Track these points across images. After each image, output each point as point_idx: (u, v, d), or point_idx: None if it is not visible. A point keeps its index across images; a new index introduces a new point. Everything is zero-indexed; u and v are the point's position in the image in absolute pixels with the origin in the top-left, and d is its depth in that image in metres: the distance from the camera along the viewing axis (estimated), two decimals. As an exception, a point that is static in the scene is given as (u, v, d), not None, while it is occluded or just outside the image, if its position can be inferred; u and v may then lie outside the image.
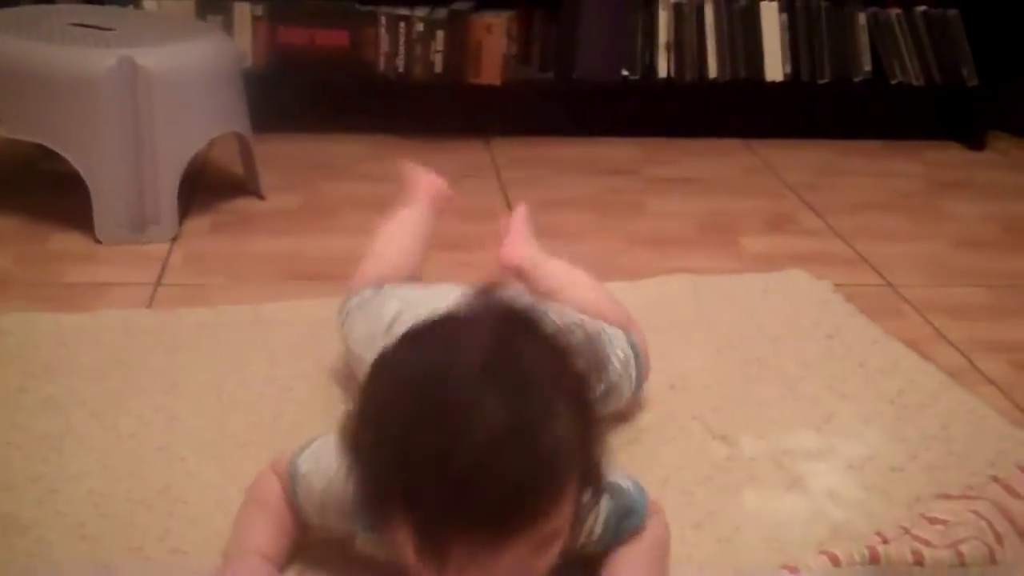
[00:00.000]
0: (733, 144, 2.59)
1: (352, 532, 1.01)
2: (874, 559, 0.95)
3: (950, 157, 2.61)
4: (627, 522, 1.02)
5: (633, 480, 1.06)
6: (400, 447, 0.84)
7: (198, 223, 1.98)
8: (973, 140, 2.65)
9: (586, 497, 0.94)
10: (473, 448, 0.81)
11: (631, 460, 1.26)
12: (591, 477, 0.92)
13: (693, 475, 1.25)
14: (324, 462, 1.01)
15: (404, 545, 0.87)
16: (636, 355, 1.33)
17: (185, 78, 1.89)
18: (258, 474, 1.10)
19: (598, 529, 1.01)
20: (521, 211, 1.54)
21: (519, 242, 1.48)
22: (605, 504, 1.00)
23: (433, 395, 0.84)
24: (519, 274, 1.42)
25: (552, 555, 0.90)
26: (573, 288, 1.40)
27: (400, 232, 1.53)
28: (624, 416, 1.35)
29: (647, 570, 1.02)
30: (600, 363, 0.96)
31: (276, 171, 2.18)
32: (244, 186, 2.14)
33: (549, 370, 0.88)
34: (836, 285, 1.77)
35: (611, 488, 1.01)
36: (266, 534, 1.05)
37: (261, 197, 2.12)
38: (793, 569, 0.94)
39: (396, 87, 2.46)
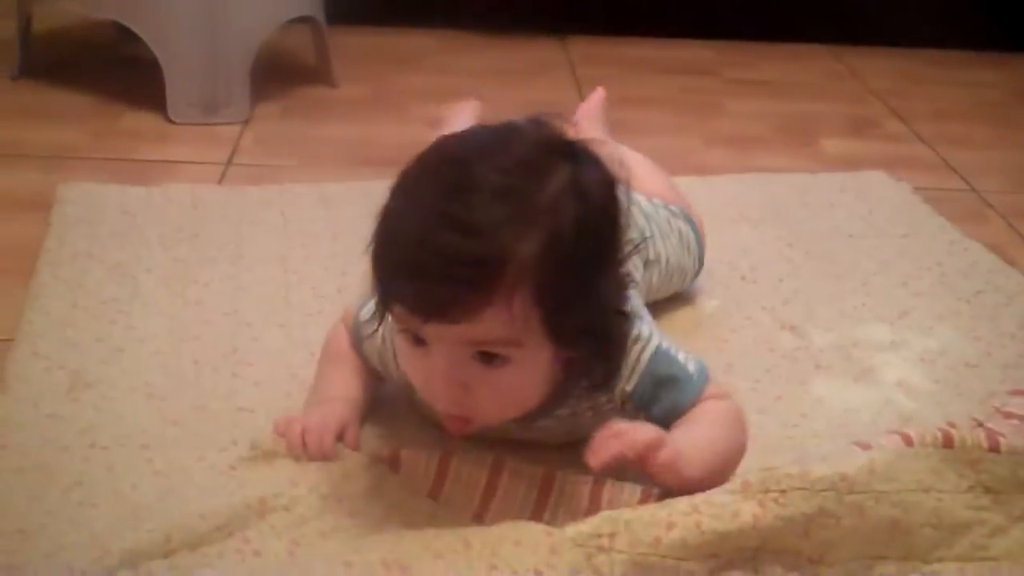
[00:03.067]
0: (815, 49, 2.52)
1: (411, 387, 1.01)
2: (948, 442, 0.92)
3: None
4: (669, 393, 0.97)
5: (698, 361, 1.01)
6: (389, 210, 0.87)
7: (270, 108, 1.98)
8: (1066, 51, 2.55)
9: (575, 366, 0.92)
10: (419, 220, 0.84)
11: (693, 344, 1.23)
12: (559, 329, 0.88)
13: (759, 363, 1.23)
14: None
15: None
16: (696, 234, 1.31)
17: (261, -43, 1.87)
18: (330, 330, 1.11)
19: (630, 386, 0.97)
20: (597, 95, 1.51)
21: (589, 124, 1.45)
22: (644, 361, 0.97)
23: (435, 171, 0.87)
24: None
25: (508, 387, 0.89)
26: (636, 169, 1.37)
27: None
28: (690, 301, 1.33)
29: (706, 428, 0.95)
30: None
31: (348, 62, 2.17)
32: (316, 75, 2.13)
33: (553, 199, 0.85)
34: (918, 188, 1.72)
35: (659, 351, 0.98)
36: (343, 381, 1.06)
37: (333, 86, 2.11)
38: (865, 445, 0.91)
39: (472, -20, 2.42)
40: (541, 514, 0.95)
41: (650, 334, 0.99)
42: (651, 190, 1.30)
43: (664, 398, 0.98)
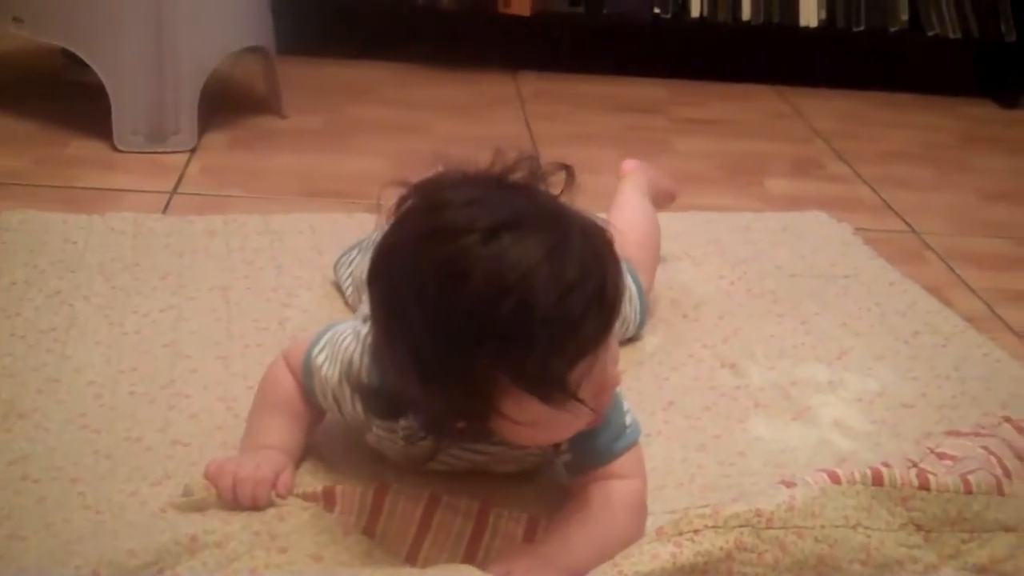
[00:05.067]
0: (763, 89, 2.56)
1: (366, 424, 1.00)
2: (877, 480, 0.93)
3: (983, 113, 2.56)
4: (604, 434, 0.97)
5: (635, 419, 1.02)
6: (474, 335, 0.82)
7: (218, 137, 1.97)
8: (1008, 98, 2.59)
9: None
10: (540, 282, 0.81)
11: (636, 383, 1.25)
12: None
13: (699, 400, 1.24)
14: (341, 352, 0.99)
15: (519, 414, 0.87)
16: (638, 287, 1.32)
17: (210, -15, 1.87)
18: (270, 368, 1.08)
19: None
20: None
21: (639, 164, 1.56)
22: None
23: (471, 274, 0.81)
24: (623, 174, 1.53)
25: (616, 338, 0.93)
26: (626, 217, 1.41)
27: None
28: (632, 338, 1.33)
29: (595, 535, 0.94)
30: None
31: (299, 93, 2.17)
32: (266, 105, 2.13)
33: (526, 196, 0.87)
34: (861, 229, 1.74)
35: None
36: (279, 430, 1.03)
37: (283, 116, 2.11)
38: (790, 483, 0.92)
39: (424, 13, 2.43)
40: (476, 548, 0.95)
41: None
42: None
43: (599, 437, 0.98)
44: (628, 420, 1.00)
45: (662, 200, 1.57)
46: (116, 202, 1.65)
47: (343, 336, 1.00)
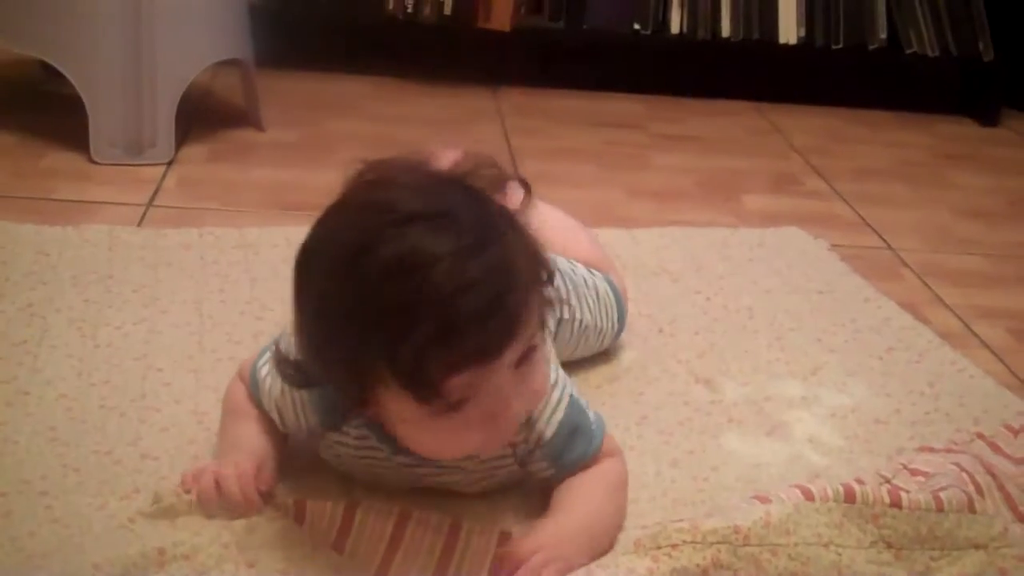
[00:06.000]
0: (742, 106, 2.57)
1: (313, 433, 1.00)
2: (849, 497, 0.93)
3: (961, 131, 2.57)
4: (576, 440, 1.00)
5: (596, 413, 1.05)
6: (362, 311, 0.82)
7: (195, 150, 1.96)
8: (986, 116, 2.61)
9: (545, 325, 0.93)
10: (437, 275, 0.80)
11: (611, 397, 1.25)
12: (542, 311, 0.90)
13: (673, 415, 1.24)
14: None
15: (397, 410, 0.86)
16: (617, 296, 1.31)
17: (189, -1, 1.87)
18: (229, 383, 1.09)
19: (548, 432, 0.98)
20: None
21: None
22: (560, 412, 0.99)
23: (376, 250, 0.82)
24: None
25: (541, 372, 0.90)
26: (556, 229, 1.38)
27: None
28: (607, 356, 1.33)
29: (594, 501, 0.98)
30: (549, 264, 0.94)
31: (278, 106, 2.17)
32: (244, 118, 2.12)
33: (467, 196, 0.87)
34: (837, 246, 1.75)
35: (572, 401, 1.00)
36: (250, 436, 1.03)
37: (261, 129, 2.10)
38: (764, 498, 0.92)
39: (404, 28, 2.43)
40: (447, 566, 0.94)
41: (565, 381, 1.01)
42: (573, 254, 1.30)
43: (575, 448, 1.00)
44: (592, 417, 1.02)
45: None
46: (91, 214, 1.64)
47: (286, 345, 0.99)
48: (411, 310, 0.80)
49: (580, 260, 1.30)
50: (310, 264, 0.87)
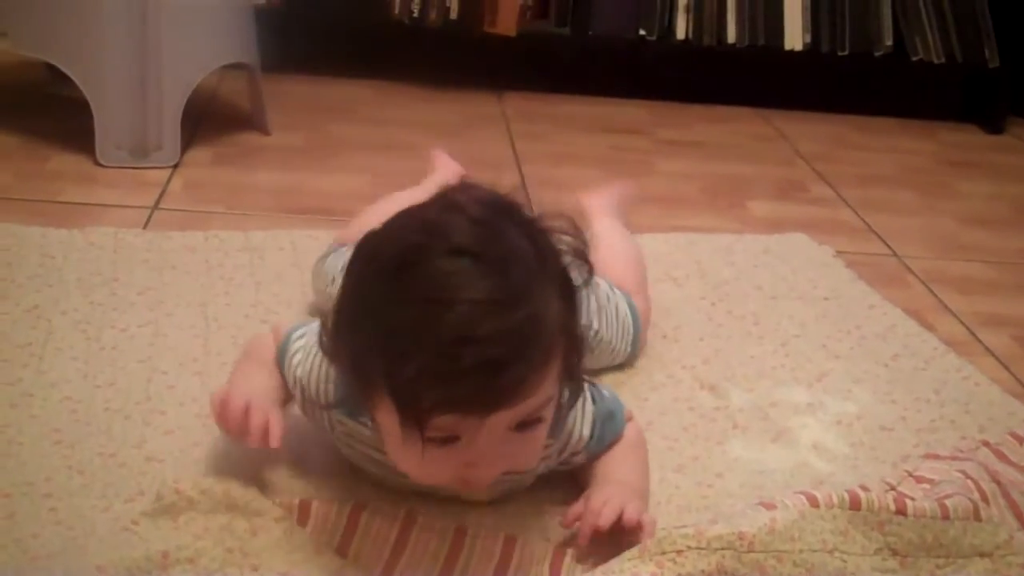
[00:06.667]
0: (747, 112, 2.56)
1: (329, 409, 1.00)
2: (854, 504, 0.93)
3: (966, 139, 2.57)
4: (610, 425, 1.04)
5: (607, 388, 1.09)
6: (381, 320, 0.83)
7: (201, 153, 1.96)
8: (991, 123, 2.61)
9: (567, 392, 0.93)
10: (454, 317, 0.80)
11: (616, 403, 1.25)
12: (572, 367, 0.90)
13: (678, 421, 1.23)
14: (312, 346, 1.01)
15: (387, 423, 0.87)
16: (635, 320, 1.32)
17: (196, 2, 1.87)
18: (256, 334, 1.11)
19: (585, 431, 1.02)
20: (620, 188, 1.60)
21: (603, 196, 1.56)
22: (589, 407, 1.02)
23: (413, 269, 0.83)
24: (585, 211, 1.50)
25: (537, 442, 0.90)
26: (608, 244, 1.39)
27: (397, 204, 1.51)
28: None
29: (632, 466, 1.05)
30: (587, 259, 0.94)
31: (283, 110, 2.17)
32: (250, 122, 2.13)
33: (530, 250, 0.86)
34: (842, 252, 1.75)
35: (593, 392, 1.03)
36: (264, 382, 1.04)
37: (266, 133, 2.10)
38: (769, 505, 0.92)
39: (409, 32, 2.43)
40: (451, 570, 0.94)
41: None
42: (601, 272, 1.30)
43: (607, 435, 1.04)
44: (607, 395, 1.07)
45: (630, 205, 1.60)
46: (97, 217, 1.65)
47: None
48: (420, 338, 0.81)
49: (611, 279, 1.32)
50: (363, 252, 0.89)
